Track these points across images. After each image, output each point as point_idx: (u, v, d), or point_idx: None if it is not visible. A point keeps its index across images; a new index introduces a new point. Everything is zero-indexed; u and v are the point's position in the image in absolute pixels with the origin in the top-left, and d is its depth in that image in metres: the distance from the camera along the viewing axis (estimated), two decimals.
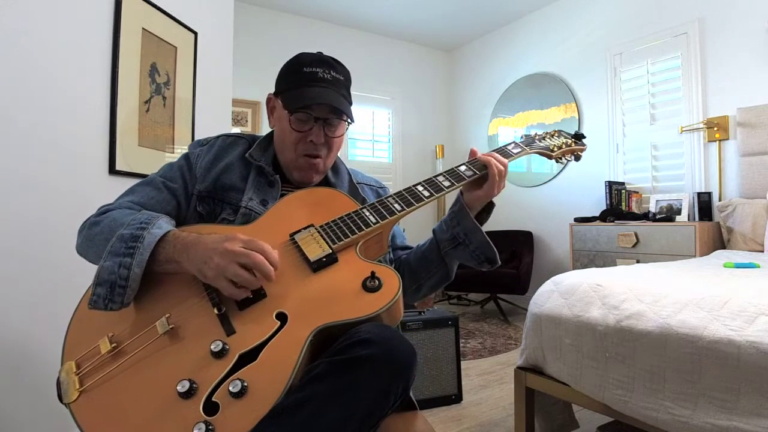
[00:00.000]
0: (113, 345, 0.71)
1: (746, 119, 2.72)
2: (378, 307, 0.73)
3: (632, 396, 1.18)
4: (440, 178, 0.96)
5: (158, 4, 1.92)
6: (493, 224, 4.94)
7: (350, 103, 1.00)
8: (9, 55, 1.35)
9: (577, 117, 3.80)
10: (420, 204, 0.92)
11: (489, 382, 2.32)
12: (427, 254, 1.03)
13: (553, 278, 1.55)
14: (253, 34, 3.93)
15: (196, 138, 2.17)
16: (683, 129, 3.03)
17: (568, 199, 3.85)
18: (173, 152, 2.03)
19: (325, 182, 1.05)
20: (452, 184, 0.96)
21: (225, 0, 2.47)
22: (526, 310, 1.59)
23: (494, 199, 1.01)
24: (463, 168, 0.99)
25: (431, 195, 0.93)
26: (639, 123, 3.37)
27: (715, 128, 2.90)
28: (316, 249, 0.82)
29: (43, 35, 1.45)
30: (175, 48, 2.04)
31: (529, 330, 1.51)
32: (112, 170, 1.69)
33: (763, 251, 2.39)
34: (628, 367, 1.20)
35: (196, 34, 2.17)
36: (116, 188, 1.69)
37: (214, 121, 2.33)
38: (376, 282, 0.76)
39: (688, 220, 2.90)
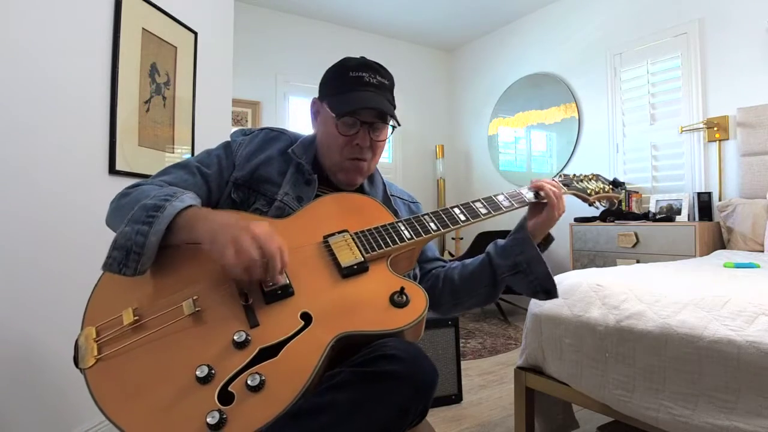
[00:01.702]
0: (136, 318, 0.71)
1: (746, 119, 2.72)
2: (403, 323, 0.73)
3: (632, 396, 1.18)
4: (477, 205, 0.97)
5: (158, 4, 1.92)
6: (493, 224, 4.91)
7: (395, 108, 1.01)
8: (9, 55, 1.34)
9: (577, 117, 3.80)
10: (456, 227, 0.93)
11: (489, 382, 2.32)
12: (478, 275, 1.03)
13: (553, 278, 1.55)
14: (254, 34, 3.93)
15: (195, 138, 2.18)
16: (683, 129, 3.03)
17: (568, 199, 3.83)
18: (173, 152, 2.03)
19: (360, 191, 1.05)
20: (489, 212, 0.97)
21: (225, 0, 2.47)
22: (526, 310, 1.59)
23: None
24: (501, 198, 1.01)
25: (467, 220, 0.94)
26: (639, 123, 3.37)
27: (715, 128, 2.89)
28: (349, 255, 0.82)
29: (43, 35, 1.45)
30: (175, 48, 2.04)
31: (529, 330, 1.51)
32: (112, 170, 1.69)
33: (763, 251, 2.39)
34: (628, 367, 1.20)
35: (196, 34, 2.17)
36: (116, 188, 1.69)
37: (214, 121, 2.33)
38: (404, 298, 0.76)
39: (688, 220, 2.90)
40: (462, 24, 4.48)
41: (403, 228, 0.89)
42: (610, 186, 1.19)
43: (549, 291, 0.98)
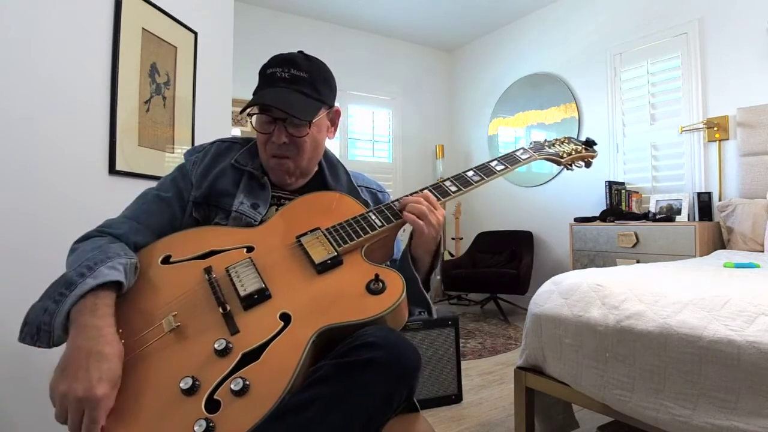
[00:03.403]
0: (121, 341, 0.71)
1: (746, 119, 2.72)
2: (381, 309, 0.73)
3: (632, 396, 1.18)
4: (447, 183, 0.97)
5: (158, 4, 1.92)
6: (493, 224, 4.91)
7: (318, 99, 0.97)
8: (9, 55, 1.34)
9: (577, 117, 3.80)
10: None
11: (489, 382, 2.32)
12: None
13: (553, 278, 1.55)
14: (253, 34, 3.93)
15: (195, 138, 2.18)
16: (683, 129, 3.03)
17: (568, 199, 3.85)
18: (173, 152, 2.03)
19: (324, 185, 1.05)
20: (459, 189, 0.96)
21: (225, 0, 2.47)
22: (526, 310, 1.59)
23: (494, 199, 1.00)
24: (470, 173, 0.99)
25: (438, 199, 0.94)
26: (639, 123, 3.37)
27: (715, 128, 2.90)
28: (322, 251, 0.83)
29: (43, 35, 1.45)
30: (175, 48, 2.04)
31: (529, 330, 1.51)
32: (112, 170, 1.69)
33: (763, 251, 2.39)
34: (628, 367, 1.20)
35: (196, 34, 2.17)
36: (116, 188, 1.70)
37: (214, 121, 2.33)
38: (380, 284, 0.76)
39: (688, 220, 2.90)
40: (462, 24, 4.48)
41: (373, 217, 0.89)
42: (583, 146, 1.17)
43: (426, 310, 0.94)
